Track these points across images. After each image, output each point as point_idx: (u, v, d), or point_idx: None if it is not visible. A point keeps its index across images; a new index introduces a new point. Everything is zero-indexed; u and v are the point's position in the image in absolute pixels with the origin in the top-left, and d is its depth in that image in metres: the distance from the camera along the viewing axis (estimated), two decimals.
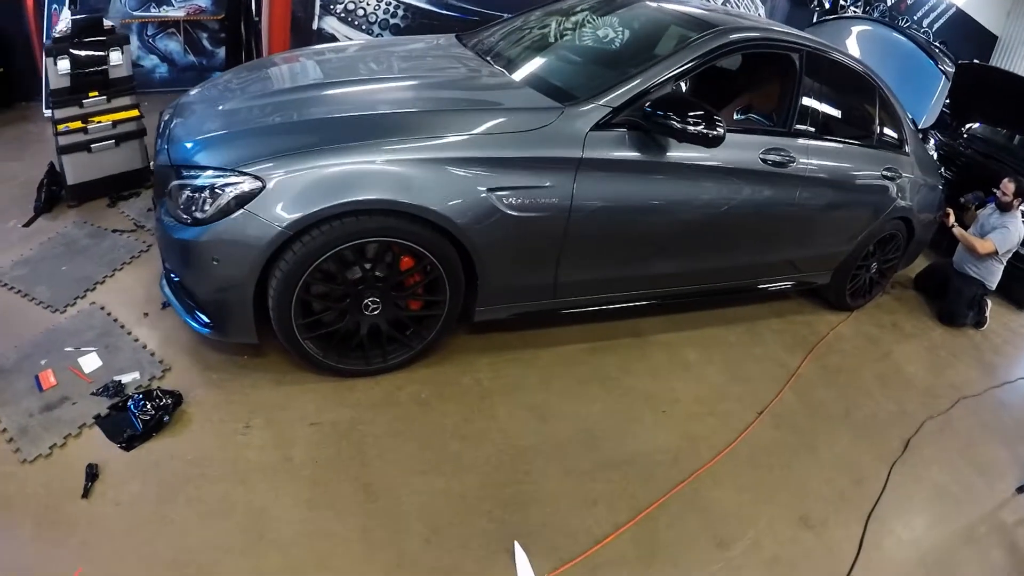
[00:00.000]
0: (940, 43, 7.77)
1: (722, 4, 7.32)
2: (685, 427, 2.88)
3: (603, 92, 2.64)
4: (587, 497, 2.40)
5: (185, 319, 2.42)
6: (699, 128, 2.55)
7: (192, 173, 2.21)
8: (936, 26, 8.30)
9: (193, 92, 2.88)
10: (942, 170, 5.47)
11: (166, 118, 2.70)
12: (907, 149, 3.96)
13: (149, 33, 5.47)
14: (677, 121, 2.53)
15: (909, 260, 4.58)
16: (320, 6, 5.87)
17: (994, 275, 4.54)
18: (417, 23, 6.22)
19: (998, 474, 3.28)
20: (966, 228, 4.61)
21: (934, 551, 2.70)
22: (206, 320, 2.36)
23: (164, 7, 5.39)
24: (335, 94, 2.63)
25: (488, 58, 3.20)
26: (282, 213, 2.11)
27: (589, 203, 2.58)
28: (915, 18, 8.26)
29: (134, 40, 5.28)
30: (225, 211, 2.13)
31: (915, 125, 4.18)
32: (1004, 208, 4.44)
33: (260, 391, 2.46)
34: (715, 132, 2.59)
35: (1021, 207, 4.47)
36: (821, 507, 2.70)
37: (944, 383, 3.89)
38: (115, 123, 3.75)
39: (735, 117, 3.74)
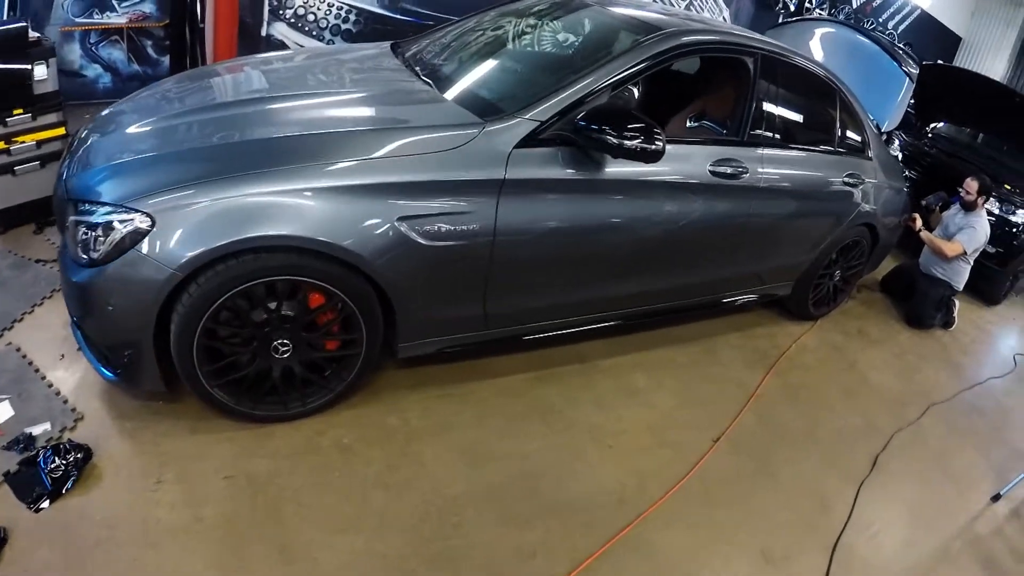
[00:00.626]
0: (905, 45, 7.74)
1: (685, 8, 7.22)
2: (633, 462, 2.68)
3: (531, 105, 2.44)
4: (523, 549, 2.21)
5: (94, 365, 2.24)
6: (635, 142, 2.35)
7: (88, 208, 2.04)
8: (901, 28, 8.30)
9: (108, 111, 2.69)
10: (907, 172, 5.40)
11: (82, 135, 2.49)
12: (870, 153, 3.85)
13: (92, 41, 5.13)
14: (612, 135, 2.33)
15: (875, 264, 4.45)
16: (269, 11, 5.60)
17: (961, 275, 4.43)
18: (370, 28, 5.95)
19: (972, 483, 3.13)
20: (931, 231, 4.51)
21: (906, 574, 2.53)
22: (112, 367, 2.19)
23: (107, 13, 5.06)
24: (243, 114, 2.42)
25: (418, 69, 2.99)
26: (173, 253, 1.95)
27: (516, 228, 2.38)
28: (881, 20, 8.27)
29: (76, 49, 5.02)
30: (118, 251, 1.96)
31: (878, 128, 4.07)
32: (968, 207, 4.33)
33: (174, 440, 2.30)
34: (653, 146, 2.39)
35: (986, 205, 4.37)
36: (783, 539, 2.52)
37: (913, 390, 3.75)
38: (39, 143, 3.47)
39: (688, 126, 3.60)
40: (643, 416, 2.96)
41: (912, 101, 4.87)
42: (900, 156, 5.71)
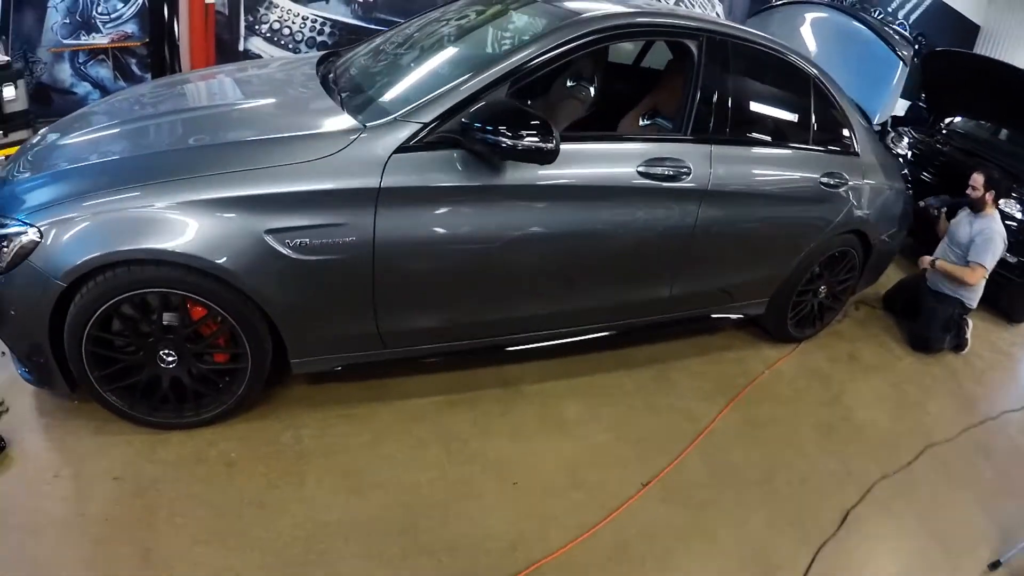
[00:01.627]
0: (917, 35, 7.11)
1: (674, 2, 6.78)
2: (538, 504, 2.31)
3: (416, 106, 2.22)
4: None
5: (15, 366, 2.37)
6: (521, 142, 2.08)
7: (3, 221, 2.12)
8: (913, 17, 7.64)
9: (44, 130, 2.70)
10: (924, 173, 4.83)
11: (27, 146, 2.56)
12: (856, 149, 3.34)
13: (80, 60, 5.44)
14: (497, 135, 2.08)
15: (872, 278, 3.92)
16: (245, 27, 5.80)
17: (975, 291, 3.86)
18: (345, 39, 6.01)
19: (967, 545, 2.62)
20: (938, 239, 3.95)
21: None
22: (28, 370, 2.30)
23: (93, 34, 5.38)
24: (142, 128, 2.47)
25: (330, 77, 2.77)
26: (56, 264, 2.02)
27: (400, 241, 2.19)
28: (889, 9, 7.62)
29: (67, 68, 5.33)
30: (16, 261, 2.05)
31: (869, 121, 3.55)
32: (976, 207, 3.77)
33: (79, 439, 2.35)
34: (548, 145, 2.11)
35: (1006, 207, 3.80)
36: None
37: (907, 428, 3.22)
38: (8, 158, 3.52)
39: (641, 124, 3.18)
40: (564, 451, 2.58)
41: (922, 94, 4.34)
42: (910, 155, 5.15)
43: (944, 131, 5.26)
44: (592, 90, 3.34)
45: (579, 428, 2.72)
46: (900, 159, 5.10)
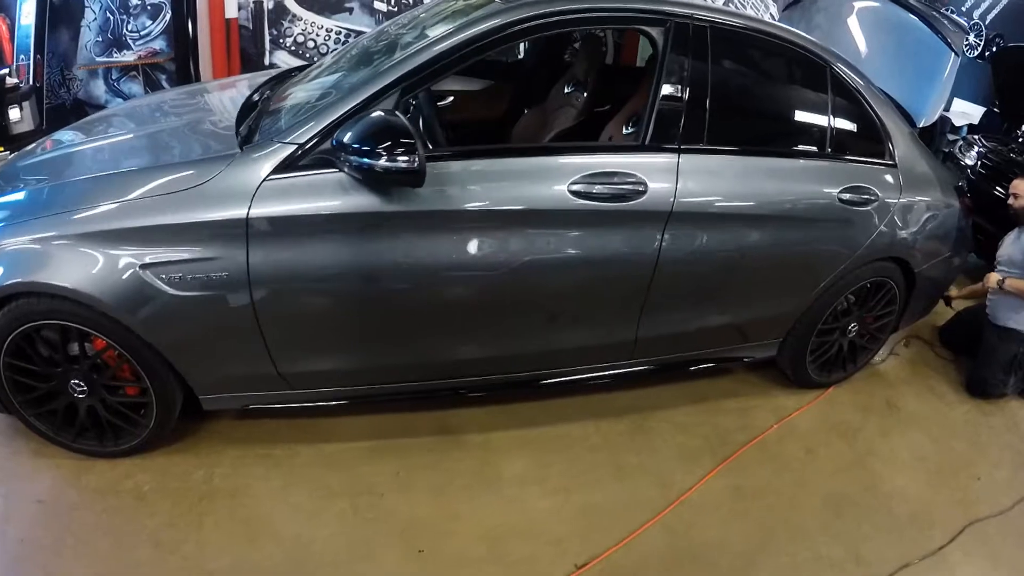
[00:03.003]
0: (995, 36, 6.25)
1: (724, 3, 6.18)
2: None
3: (296, 125, 2.03)
4: None
5: None
6: (382, 163, 1.85)
7: None
8: (990, 17, 6.72)
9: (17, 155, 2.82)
10: (996, 188, 4.10)
11: None
12: (894, 158, 2.79)
13: (114, 77, 5.62)
14: (364, 156, 1.86)
15: (920, 312, 3.34)
16: (270, 40, 5.85)
17: None
18: None
19: None
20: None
21: None
22: None
23: (124, 51, 5.56)
24: (80, 153, 2.48)
25: (256, 96, 2.64)
26: None
27: (278, 275, 2.01)
28: (963, 8, 6.75)
29: (100, 84, 5.54)
30: None
31: (913, 124, 2.97)
32: (1022, 217, 3.12)
33: (19, 459, 2.39)
34: (403, 165, 1.85)
35: None
36: None
37: (947, 498, 2.69)
38: None
39: (625, 132, 2.79)
40: (492, 516, 2.29)
41: (995, 99, 3.69)
42: (979, 166, 4.39)
43: (1021, 139, 4.51)
44: (585, 95, 2.98)
45: (518, 489, 2.41)
46: (967, 170, 4.39)
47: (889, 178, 2.77)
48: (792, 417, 2.95)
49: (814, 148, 2.62)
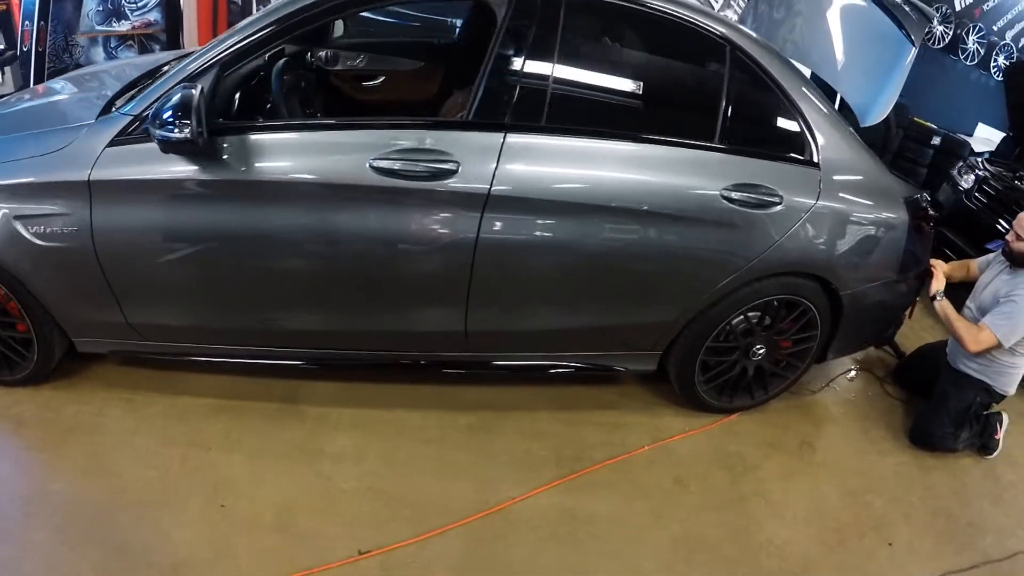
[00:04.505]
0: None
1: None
2: (229, 534, 2.07)
3: (136, 98, 2.18)
4: (49, 563, 1.96)
5: None
6: (162, 131, 1.94)
7: None
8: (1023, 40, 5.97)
9: None
10: (999, 220, 3.54)
11: None
12: (816, 157, 2.41)
13: (112, 45, 5.89)
14: (154, 127, 1.97)
15: (864, 342, 2.89)
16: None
17: (1006, 374, 2.69)
18: (355, 31, 6.07)
19: None
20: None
21: None
22: None
23: (122, 21, 5.81)
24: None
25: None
26: None
27: (114, 233, 2.16)
28: (995, 28, 6.02)
29: (100, 52, 5.80)
30: None
31: (856, 122, 2.58)
32: (1018, 261, 2.59)
33: None
34: (179, 135, 1.92)
35: None
36: None
37: (839, 565, 2.29)
38: None
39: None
40: (297, 488, 2.26)
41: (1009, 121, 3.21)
42: (975, 190, 3.82)
43: None
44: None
45: (332, 466, 2.32)
46: (962, 195, 3.83)
47: (804, 180, 2.39)
48: (671, 441, 2.61)
49: (697, 136, 2.29)
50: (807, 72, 2.71)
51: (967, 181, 3.90)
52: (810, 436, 2.78)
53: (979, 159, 4.14)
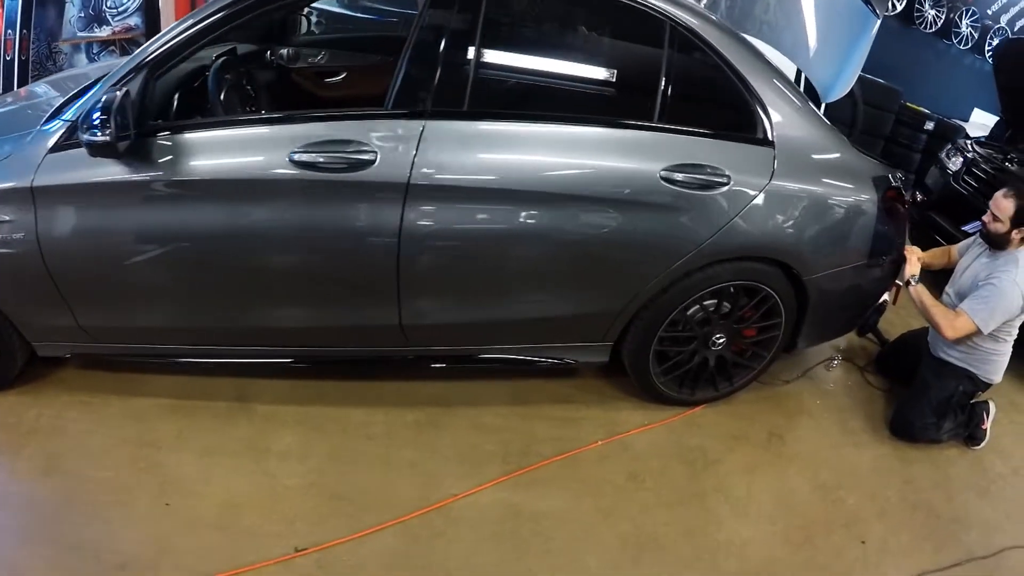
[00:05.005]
0: None
1: None
2: (172, 533, 2.07)
3: (77, 104, 2.18)
4: None
5: None
6: (87, 136, 1.94)
7: None
8: (1019, 24, 5.59)
9: None
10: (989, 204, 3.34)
11: None
12: (768, 134, 2.30)
13: (95, 51, 5.92)
14: (80, 131, 1.98)
15: (837, 331, 2.75)
16: None
17: (990, 362, 2.51)
18: (332, 28, 6.02)
19: None
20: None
21: None
22: None
23: (104, 27, 5.89)
24: None
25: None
26: None
27: (59, 238, 2.17)
28: (989, 12, 5.69)
29: (83, 58, 5.81)
30: None
31: (817, 100, 2.46)
32: (996, 243, 2.42)
33: None
34: (97, 138, 1.92)
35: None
36: None
37: (804, 563, 2.19)
38: None
39: None
40: (242, 486, 2.24)
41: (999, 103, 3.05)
42: (963, 172, 3.63)
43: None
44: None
45: (277, 464, 2.29)
46: (950, 177, 3.62)
47: (755, 159, 2.29)
48: (627, 435, 2.52)
49: (634, 117, 2.20)
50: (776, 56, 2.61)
51: (955, 164, 3.71)
52: (780, 428, 2.65)
53: (968, 141, 3.95)
